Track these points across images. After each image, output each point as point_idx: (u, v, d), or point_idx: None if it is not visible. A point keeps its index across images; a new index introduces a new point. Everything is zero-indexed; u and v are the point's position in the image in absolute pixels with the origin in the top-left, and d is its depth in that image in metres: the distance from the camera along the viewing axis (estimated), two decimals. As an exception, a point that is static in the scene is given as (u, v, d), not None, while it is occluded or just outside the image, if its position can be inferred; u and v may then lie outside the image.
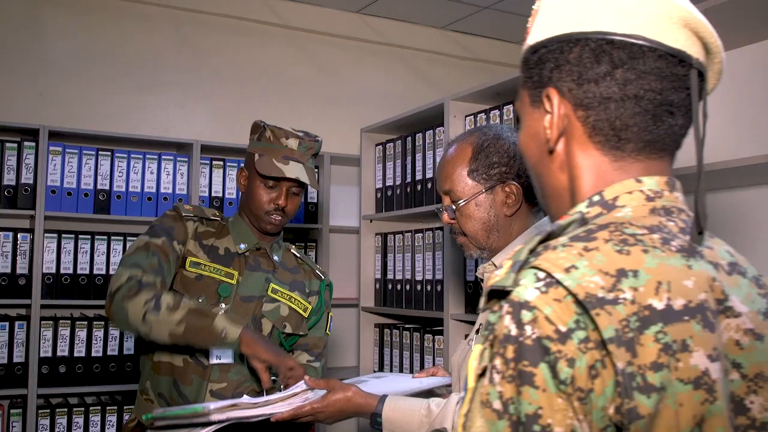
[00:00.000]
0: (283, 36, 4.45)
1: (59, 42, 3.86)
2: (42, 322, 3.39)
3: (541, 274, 0.74)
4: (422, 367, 3.22)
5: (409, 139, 3.39)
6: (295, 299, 2.23)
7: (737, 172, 2.08)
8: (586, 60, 0.86)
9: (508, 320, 0.73)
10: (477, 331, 1.77)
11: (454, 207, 1.75)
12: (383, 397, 1.72)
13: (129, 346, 3.55)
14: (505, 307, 0.74)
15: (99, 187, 3.60)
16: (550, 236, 0.81)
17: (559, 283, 0.73)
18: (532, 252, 0.78)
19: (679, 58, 0.85)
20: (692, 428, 0.72)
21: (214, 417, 1.71)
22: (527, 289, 0.74)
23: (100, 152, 3.61)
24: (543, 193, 0.98)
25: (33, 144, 3.43)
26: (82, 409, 3.46)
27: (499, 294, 0.77)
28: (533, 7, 0.95)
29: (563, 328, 0.71)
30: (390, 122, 3.51)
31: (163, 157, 3.75)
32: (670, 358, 0.71)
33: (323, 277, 2.34)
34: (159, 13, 4.12)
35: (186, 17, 4.18)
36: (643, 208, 0.85)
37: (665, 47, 0.84)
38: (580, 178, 0.90)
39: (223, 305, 2.09)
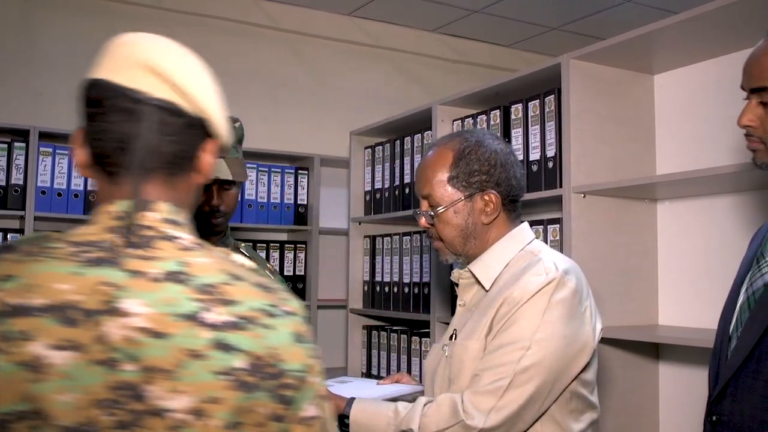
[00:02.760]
0: (274, 38, 4.47)
1: (50, 43, 3.86)
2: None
3: None
4: (409, 368, 3.24)
5: (397, 142, 3.41)
6: None
7: (725, 178, 2.11)
8: (84, 100, 1.05)
9: None
10: (451, 337, 1.79)
11: (431, 213, 1.77)
12: (351, 400, 1.73)
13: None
14: None
15: (89, 188, 3.61)
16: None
17: None
18: None
19: (133, 96, 1.01)
20: (22, 400, 0.88)
21: None
22: None
23: (90, 153, 3.62)
24: None
25: (23, 144, 3.44)
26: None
27: None
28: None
29: None
30: (379, 125, 3.53)
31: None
32: (7, 344, 0.88)
33: (273, 278, 2.26)
34: (150, 14, 4.13)
35: (177, 19, 4.19)
36: (101, 226, 1.00)
37: (122, 87, 1.01)
38: (97, 197, 1.07)
39: None
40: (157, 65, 1.04)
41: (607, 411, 2.33)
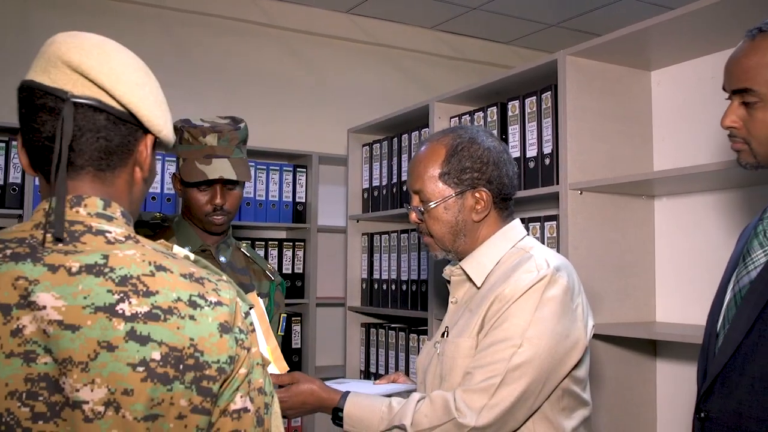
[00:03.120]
0: (272, 36, 4.46)
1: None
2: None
3: None
4: (407, 366, 3.24)
5: (395, 139, 3.40)
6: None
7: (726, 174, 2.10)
8: (18, 103, 1.08)
9: None
10: (443, 334, 1.78)
11: (421, 209, 1.76)
12: (346, 393, 1.74)
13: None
14: None
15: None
16: None
17: None
18: None
19: (57, 95, 1.03)
20: None
21: None
22: None
23: (88, 151, 3.62)
24: None
25: (21, 143, 3.43)
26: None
27: None
28: None
29: None
30: (377, 123, 3.53)
31: (155, 157, 3.75)
32: None
33: (273, 278, 2.27)
34: (149, 13, 4.13)
35: (175, 17, 4.19)
36: (32, 223, 1.04)
37: (48, 87, 1.03)
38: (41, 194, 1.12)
39: None
40: (79, 64, 1.04)
41: (603, 408, 2.32)
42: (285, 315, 2.29)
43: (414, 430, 1.59)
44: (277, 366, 1.84)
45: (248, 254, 2.28)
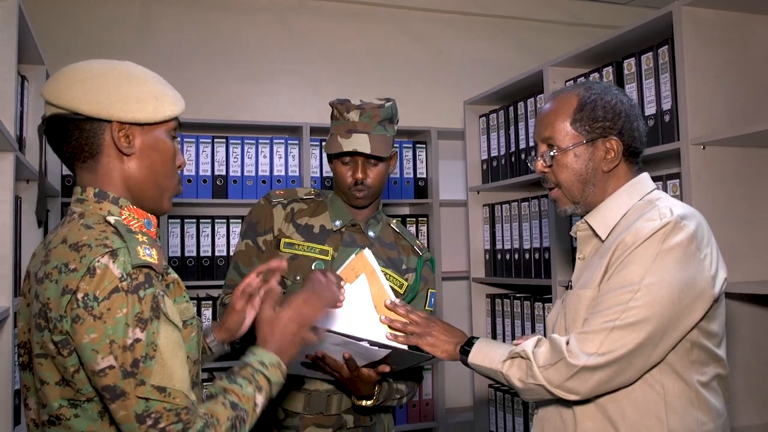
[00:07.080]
0: (385, 15, 4.49)
1: (171, 37, 4.05)
2: (171, 302, 3.59)
3: None
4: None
5: (510, 108, 3.38)
6: (390, 275, 2.19)
7: None
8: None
9: None
10: (567, 286, 1.78)
11: (552, 153, 1.74)
12: (475, 337, 1.86)
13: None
14: None
15: (216, 173, 3.78)
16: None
17: None
18: None
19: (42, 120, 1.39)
20: None
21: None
22: None
23: (215, 140, 3.79)
24: None
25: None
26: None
27: None
28: None
29: None
30: (491, 93, 3.51)
31: (274, 141, 3.89)
32: None
33: (421, 253, 2.30)
34: (263, 2, 4.25)
35: (288, 4, 4.30)
36: None
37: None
38: None
39: None
40: (42, 93, 1.36)
41: (741, 371, 2.24)
42: (434, 291, 2.33)
43: (531, 361, 1.63)
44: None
45: (397, 230, 2.33)
